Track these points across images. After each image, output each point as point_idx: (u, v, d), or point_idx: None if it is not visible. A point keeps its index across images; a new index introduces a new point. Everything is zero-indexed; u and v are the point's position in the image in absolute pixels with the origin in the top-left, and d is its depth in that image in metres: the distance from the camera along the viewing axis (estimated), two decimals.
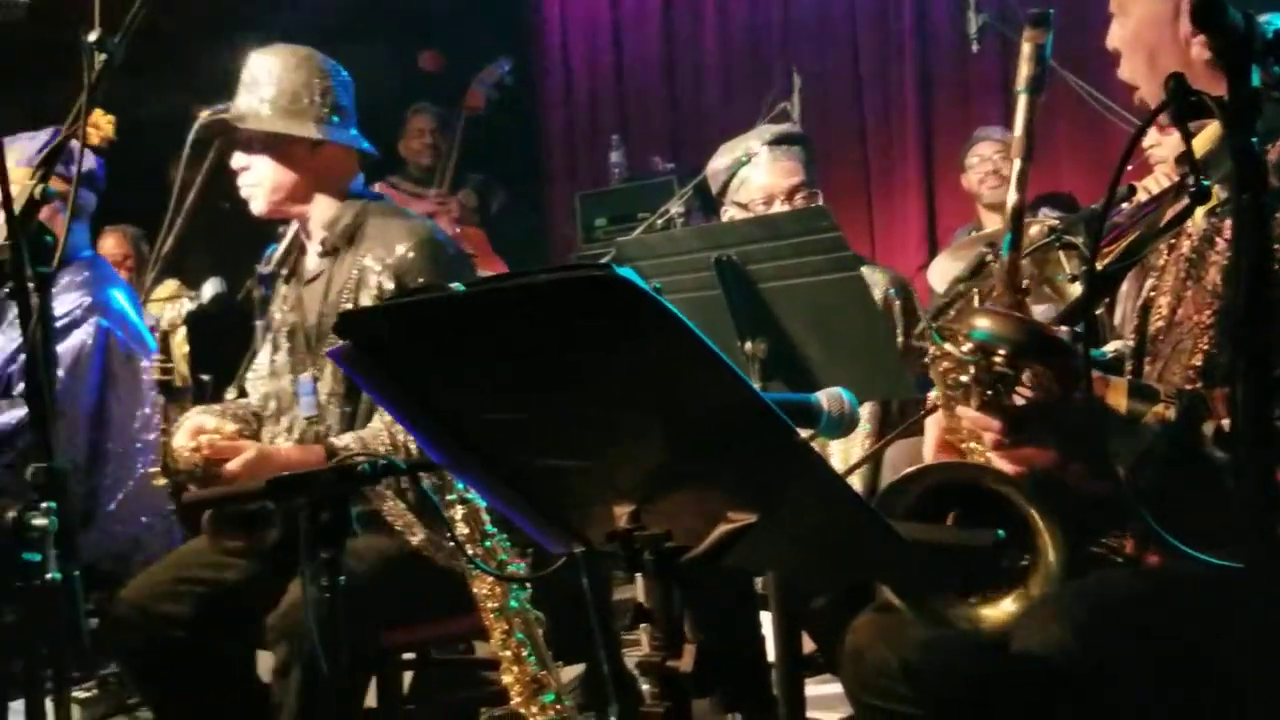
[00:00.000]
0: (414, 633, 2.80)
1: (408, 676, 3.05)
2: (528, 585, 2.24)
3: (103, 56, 2.12)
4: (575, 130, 6.93)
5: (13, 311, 3.42)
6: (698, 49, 6.67)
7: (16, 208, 2.03)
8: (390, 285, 2.74)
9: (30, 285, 1.99)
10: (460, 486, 2.22)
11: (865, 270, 2.62)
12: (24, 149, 3.23)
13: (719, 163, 3.04)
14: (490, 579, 2.22)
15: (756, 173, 2.96)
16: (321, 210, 2.90)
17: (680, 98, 6.69)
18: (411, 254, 2.76)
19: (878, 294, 2.87)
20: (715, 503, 1.38)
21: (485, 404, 1.52)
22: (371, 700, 2.74)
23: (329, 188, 2.90)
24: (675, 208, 4.75)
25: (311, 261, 2.95)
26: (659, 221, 4.75)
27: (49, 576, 1.85)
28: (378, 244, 2.80)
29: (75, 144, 2.92)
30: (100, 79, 2.10)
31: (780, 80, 5.67)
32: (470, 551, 2.17)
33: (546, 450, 1.48)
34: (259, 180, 2.89)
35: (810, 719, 2.79)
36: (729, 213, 3.02)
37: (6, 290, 3.17)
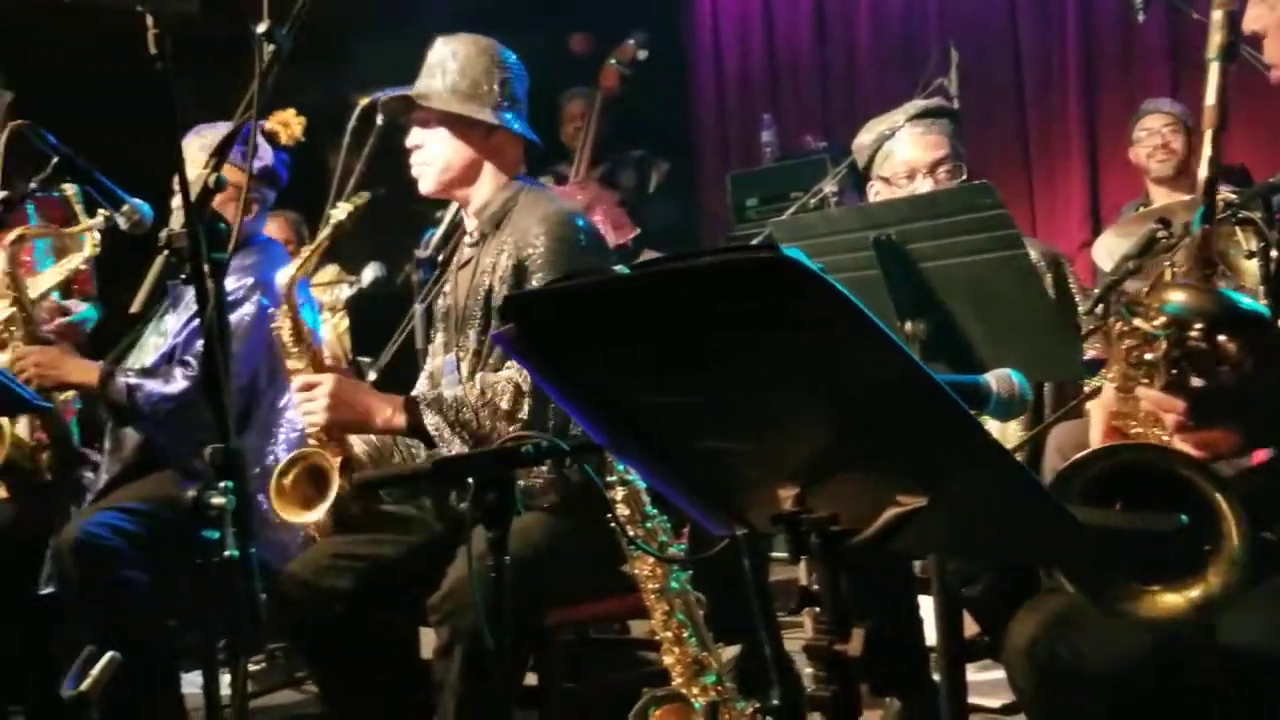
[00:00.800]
0: (572, 613, 2.84)
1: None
2: (688, 566, 2.25)
3: (271, 47, 2.19)
4: (726, 110, 6.90)
5: (188, 295, 3.56)
6: (851, 24, 6.59)
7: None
8: (510, 270, 2.80)
9: (205, 271, 2.06)
10: (620, 468, 2.24)
11: None
12: (207, 139, 3.35)
13: (864, 138, 3.03)
14: (651, 560, 2.24)
15: (900, 147, 2.95)
16: (482, 195, 2.97)
17: (833, 75, 6.61)
18: (539, 240, 2.81)
19: None
20: (883, 485, 1.36)
21: (649, 386, 1.52)
22: (531, 680, 2.78)
23: (494, 174, 2.97)
24: (829, 187, 4.71)
25: (467, 245, 3.02)
26: (812, 201, 4.72)
27: (226, 554, 1.92)
28: (516, 230, 2.87)
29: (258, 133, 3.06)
30: (269, 69, 2.16)
31: (937, 55, 5.58)
32: (631, 532, 2.18)
33: (710, 432, 1.48)
34: (432, 159, 2.97)
35: (972, 704, 2.76)
36: (874, 187, 3.01)
37: (183, 276, 3.32)
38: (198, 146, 3.41)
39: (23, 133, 2.84)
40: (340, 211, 2.96)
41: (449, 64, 2.94)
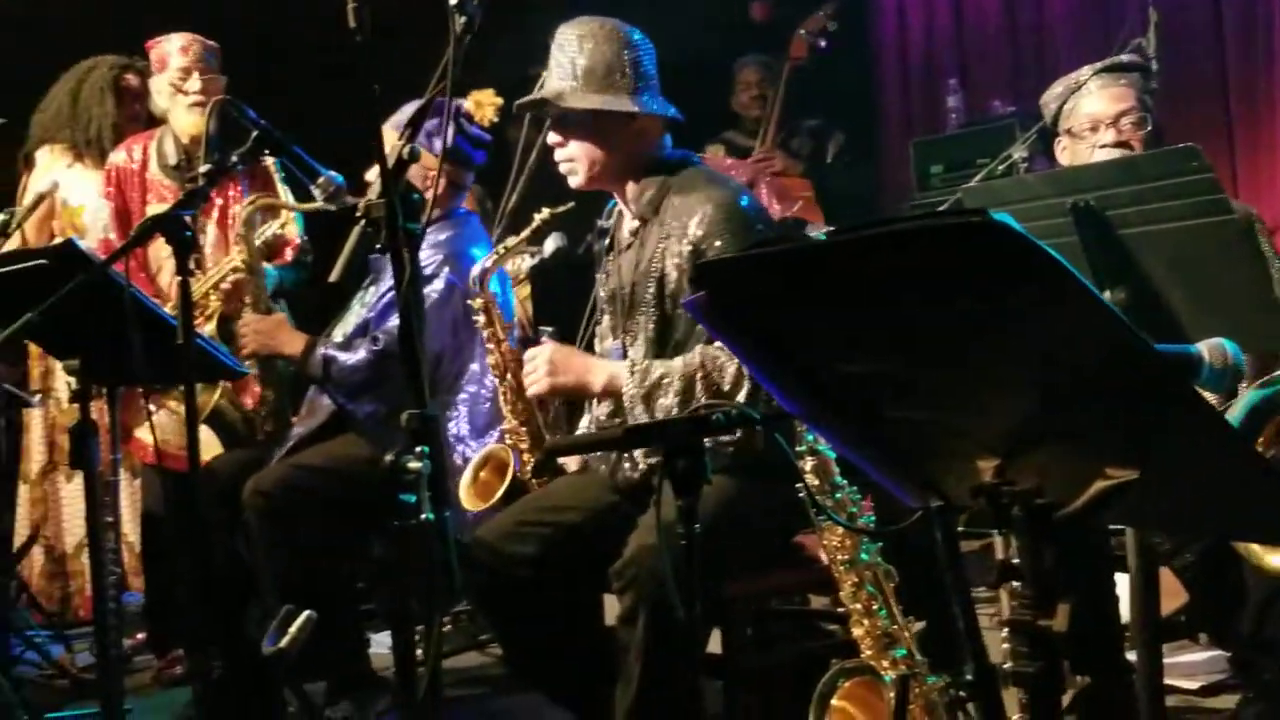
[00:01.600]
0: (752, 583, 2.84)
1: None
2: (878, 538, 2.23)
3: (462, 19, 2.22)
4: (910, 75, 6.77)
5: (387, 268, 3.66)
6: None
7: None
8: (687, 254, 2.79)
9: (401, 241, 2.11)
10: (810, 438, 2.23)
11: None
12: (400, 116, 3.44)
13: (1052, 93, 2.99)
14: (840, 531, 2.22)
15: (1085, 100, 2.90)
16: (634, 180, 2.95)
17: (1022, 36, 6.42)
18: (706, 224, 2.79)
19: None
20: (1090, 457, 1.33)
21: (846, 354, 1.51)
22: (712, 649, 2.79)
23: (641, 157, 2.95)
24: (1018, 153, 4.59)
25: (626, 230, 3.01)
26: (1000, 167, 4.60)
27: (423, 517, 1.96)
28: (679, 213, 2.84)
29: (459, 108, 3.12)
30: (461, 40, 2.20)
31: (1134, 15, 5.38)
32: (821, 503, 2.17)
33: (909, 402, 1.46)
34: (575, 156, 2.95)
35: (1167, 685, 2.68)
36: (1061, 144, 2.96)
37: (379, 246, 3.41)
38: (392, 124, 3.50)
39: (225, 107, 2.95)
40: (544, 214, 2.99)
41: (578, 58, 2.90)
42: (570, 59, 2.91)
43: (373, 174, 3.46)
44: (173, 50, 4.14)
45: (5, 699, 3.77)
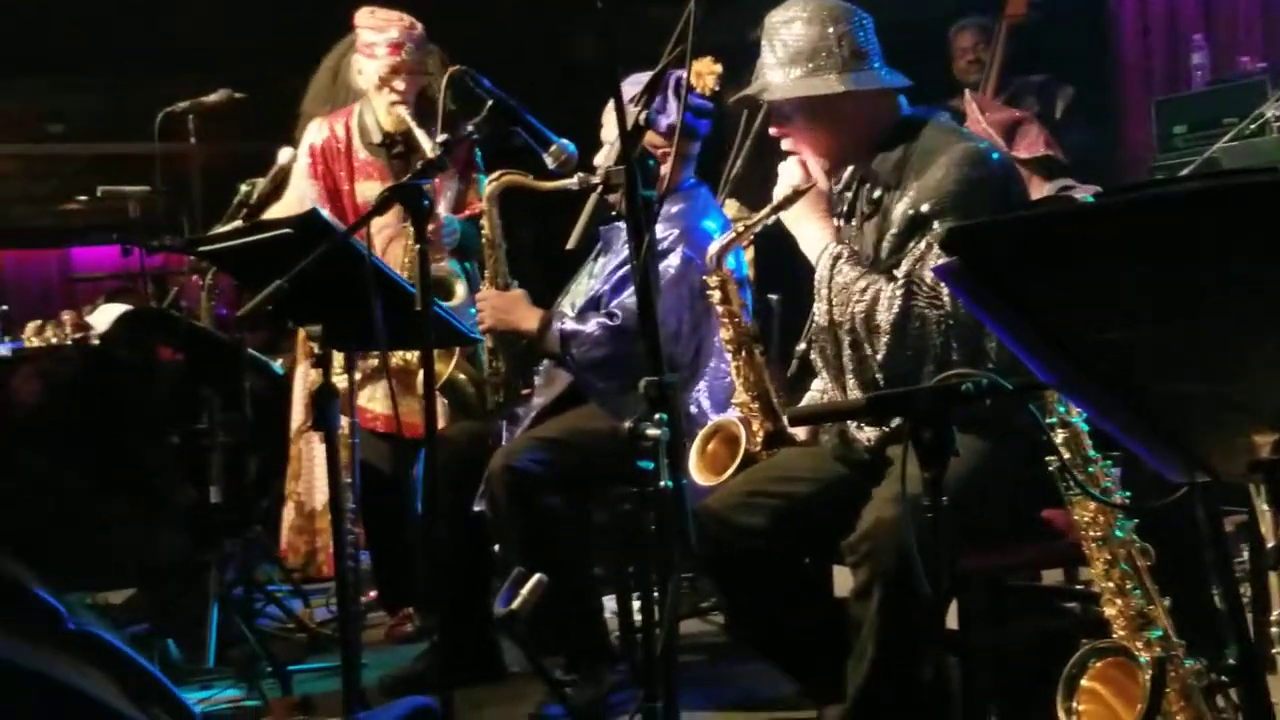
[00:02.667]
0: (988, 558, 2.78)
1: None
2: (1134, 514, 2.15)
3: None
4: (1151, 31, 6.48)
5: (618, 239, 3.69)
6: None
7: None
8: (918, 211, 2.73)
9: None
10: (1062, 409, 2.16)
11: None
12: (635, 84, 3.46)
13: None
14: (1093, 506, 2.15)
15: None
16: (870, 151, 2.89)
17: None
18: (949, 183, 2.71)
19: None
20: None
21: (1104, 323, 1.45)
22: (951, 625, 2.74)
23: (871, 130, 2.88)
24: (1271, 111, 4.36)
25: (869, 197, 2.95)
26: (1251, 127, 4.38)
27: (661, 484, 1.98)
28: (921, 174, 2.77)
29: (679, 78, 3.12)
30: (698, 6, 2.19)
31: None
32: (1075, 476, 2.11)
33: (1181, 373, 1.40)
34: (798, 145, 2.91)
35: None
36: None
37: (614, 213, 3.44)
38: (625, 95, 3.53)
39: (460, 77, 3.01)
40: (785, 189, 2.95)
41: (785, 43, 2.84)
42: (778, 45, 2.86)
43: (600, 157, 3.53)
44: (383, 43, 4.15)
45: (251, 650, 3.97)
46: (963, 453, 1.75)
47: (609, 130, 3.60)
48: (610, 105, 3.53)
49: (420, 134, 3.89)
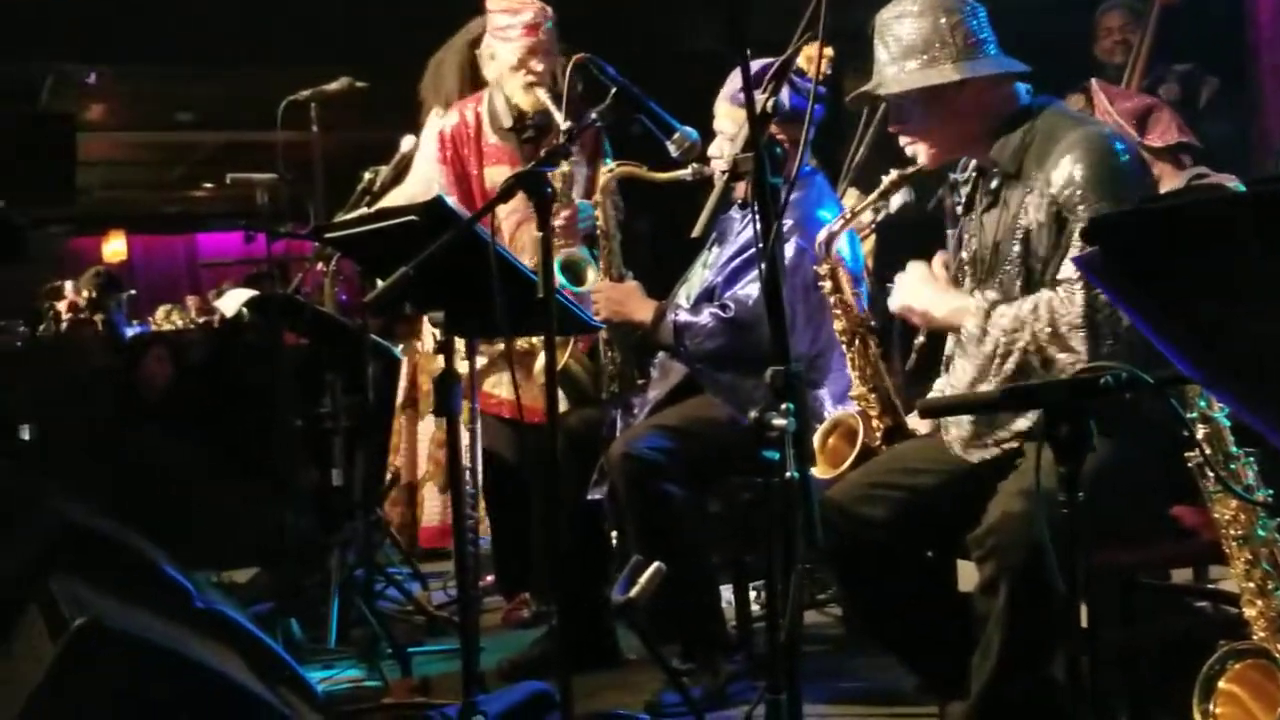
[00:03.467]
0: (1118, 554, 2.71)
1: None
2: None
3: None
4: None
5: (733, 229, 3.68)
6: None
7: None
8: (1047, 207, 2.67)
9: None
10: (1203, 403, 2.10)
11: None
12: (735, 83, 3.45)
13: None
14: (1234, 504, 2.09)
15: None
16: (989, 141, 2.84)
17: None
18: (1074, 169, 2.65)
19: None
20: None
21: (1256, 315, 1.40)
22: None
23: (989, 119, 2.83)
24: None
25: (988, 188, 2.90)
26: None
27: (788, 474, 1.96)
28: (1043, 162, 2.71)
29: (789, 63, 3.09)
30: None
31: None
32: (1218, 473, 2.05)
33: None
34: (916, 138, 2.88)
35: None
36: None
37: (738, 202, 3.42)
38: (725, 95, 3.52)
39: (585, 64, 3.01)
40: (892, 176, 2.93)
41: (897, 38, 2.81)
42: (890, 41, 2.83)
43: (714, 147, 3.52)
44: (518, 25, 4.15)
45: (372, 632, 4.04)
46: (1100, 445, 1.72)
47: (721, 120, 3.58)
48: (723, 94, 3.56)
49: (557, 114, 3.90)
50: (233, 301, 5.37)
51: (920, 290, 2.88)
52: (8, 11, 7.40)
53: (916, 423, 3.05)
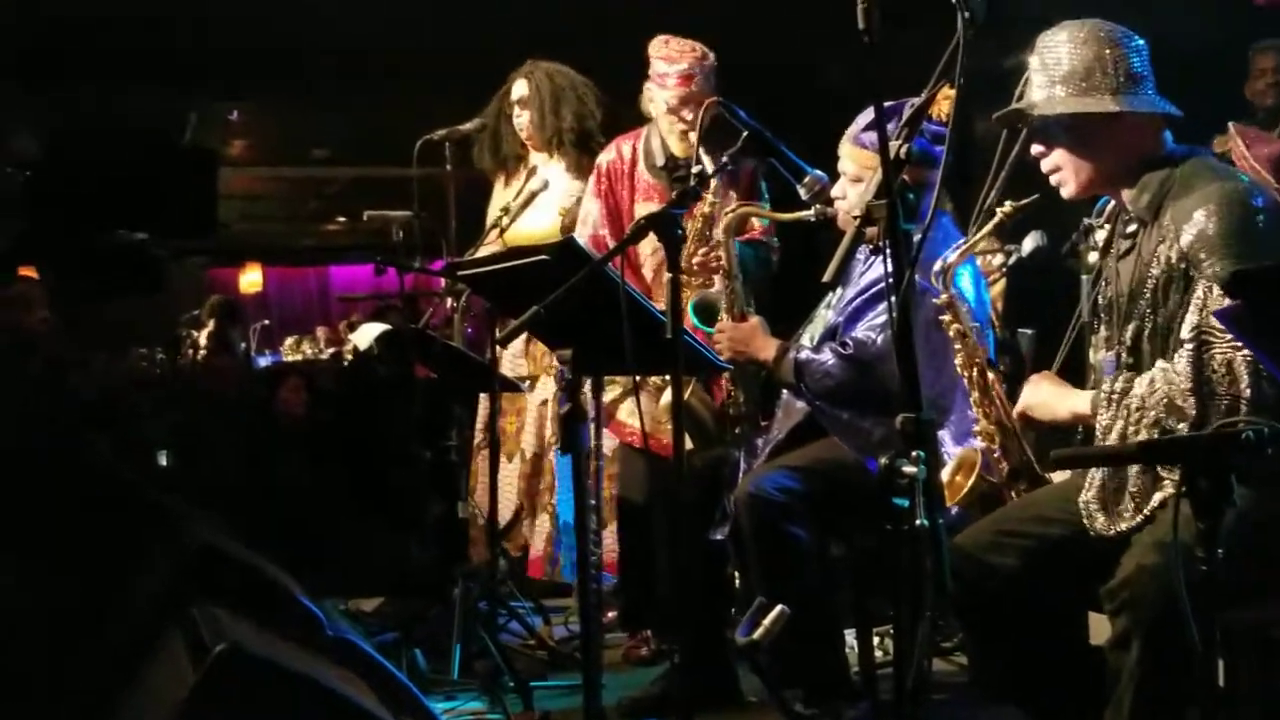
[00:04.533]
0: (1256, 611, 2.64)
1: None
2: None
3: (966, 14, 2.19)
4: None
5: (857, 271, 3.67)
6: None
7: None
8: (1177, 261, 2.63)
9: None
10: None
11: None
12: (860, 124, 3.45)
13: None
14: None
15: None
16: (1130, 185, 2.80)
17: None
18: (1207, 224, 2.60)
19: None
20: None
21: None
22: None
23: (1135, 159, 2.79)
24: None
25: (1125, 232, 2.86)
26: None
27: (917, 522, 1.96)
28: (1176, 215, 2.67)
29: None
30: (966, 35, 2.16)
31: None
32: None
33: None
34: (1060, 165, 2.85)
35: None
36: None
37: (870, 247, 3.41)
38: (849, 137, 3.52)
39: (717, 109, 3.05)
40: (1006, 207, 2.91)
41: (1057, 63, 2.78)
42: (1049, 65, 2.81)
43: (837, 189, 3.53)
44: (674, 74, 4.27)
45: (495, 664, 4.08)
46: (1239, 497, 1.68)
47: (845, 161, 3.57)
48: (848, 135, 3.56)
49: (707, 160, 3.96)
50: (366, 335, 5.50)
51: (1039, 389, 2.89)
52: (157, 51, 7.69)
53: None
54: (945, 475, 3.16)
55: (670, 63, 4.28)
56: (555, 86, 4.96)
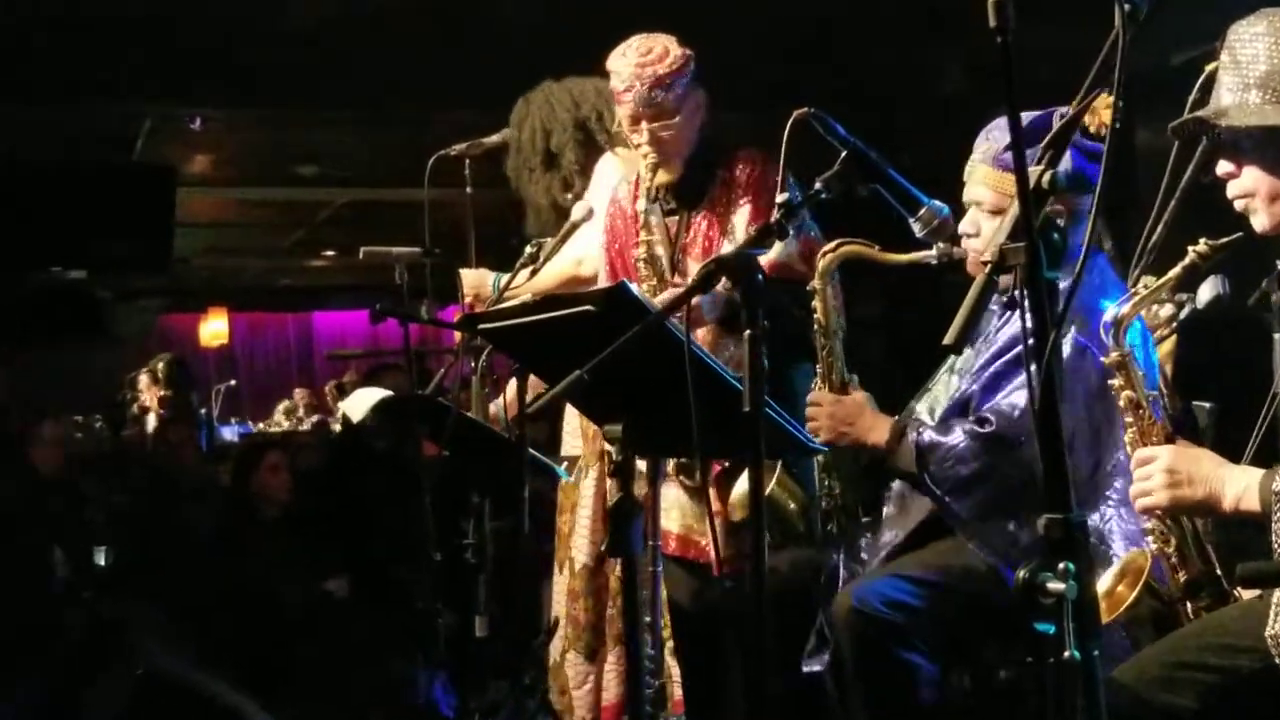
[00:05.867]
0: None
1: None
2: None
3: (1127, 7, 2.20)
4: None
5: (988, 327, 3.66)
6: None
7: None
8: None
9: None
10: None
11: None
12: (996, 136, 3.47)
13: None
14: None
15: None
16: None
17: None
18: None
19: None
20: None
21: None
22: None
23: None
24: None
25: None
26: None
27: (1066, 653, 1.94)
28: None
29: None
30: (1128, 30, 2.17)
31: None
32: None
33: None
34: (1250, 188, 2.85)
35: None
36: None
37: (1003, 299, 3.41)
38: (987, 156, 3.52)
39: (807, 121, 3.06)
40: (1200, 247, 2.90)
41: (1253, 63, 2.79)
42: (1243, 63, 2.82)
43: (967, 222, 3.52)
44: (619, 89, 4.39)
45: None
46: None
47: (977, 187, 3.56)
48: (982, 153, 3.55)
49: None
50: (360, 403, 5.50)
51: (1197, 472, 2.85)
52: (100, 44, 7.72)
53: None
54: (1105, 583, 3.13)
55: (615, 75, 4.39)
56: (544, 118, 5.07)
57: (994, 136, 3.54)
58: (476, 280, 4.99)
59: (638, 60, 4.34)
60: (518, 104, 5.15)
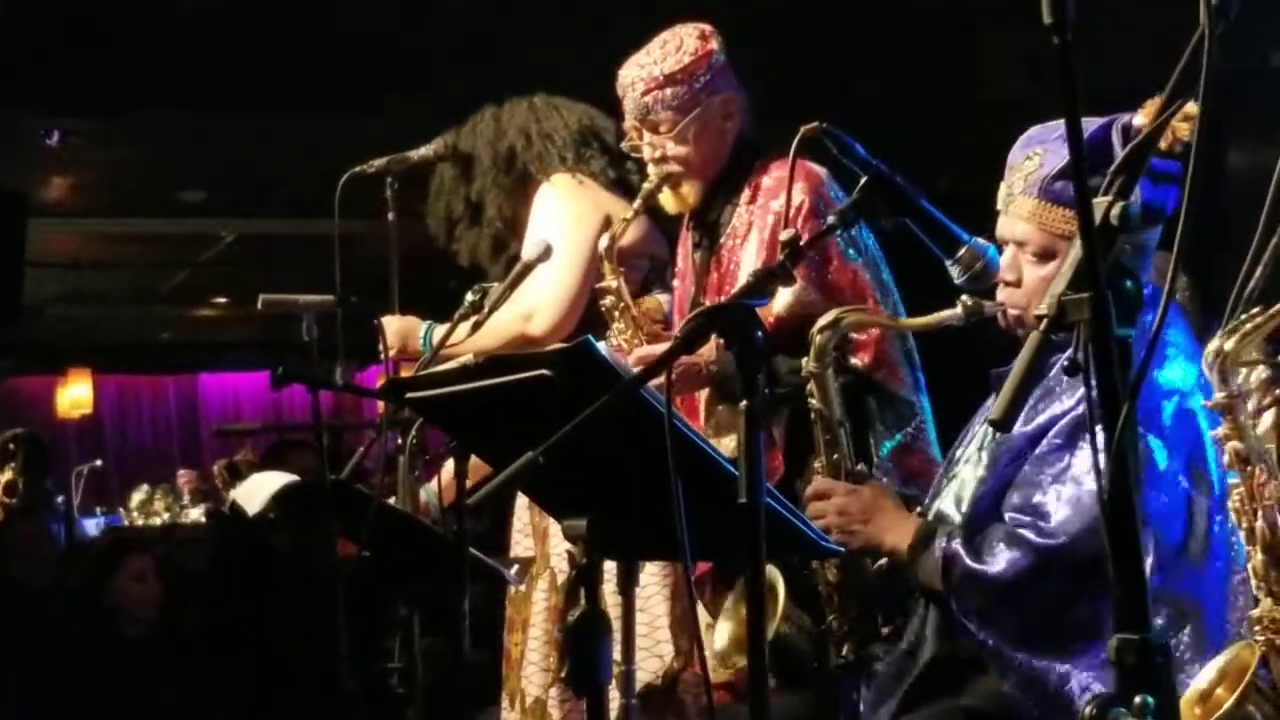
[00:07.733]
0: None
1: None
2: None
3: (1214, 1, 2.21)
4: None
5: (1035, 392, 3.66)
6: None
7: None
8: None
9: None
10: None
11: None
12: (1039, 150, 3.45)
13: None
14: None
15: None
16: None
17: None
18: None
19: None
20: None
21: None
22: None
23: None
24: None
25: None
26: None
27: None
28: None
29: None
30: (1214, 29, 2.18)
31: None
32: None
33: None
34: None
35: None
36: None
37: (1064, 361, 3.43)
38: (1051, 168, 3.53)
39: (819, 138, 3.07)
40: None
41: None
42: None
43: (1007, 267, 3.52)
44: (619, 97, 4.49)
45: None
46: None
47: (1023, 225, 3.47)
48: (1026, 179, 3.51)
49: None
50: (257, 490, 5.49)
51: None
52: None
53: None
54: (1201, 684, 3.12)
55: (618, 80, 4.49)
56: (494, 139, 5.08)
57: (1040, 157, 3.47)
58: (403, 331, 4.95)
59: (640, 59, 4.40)
60: (444, 136, 5.14)
